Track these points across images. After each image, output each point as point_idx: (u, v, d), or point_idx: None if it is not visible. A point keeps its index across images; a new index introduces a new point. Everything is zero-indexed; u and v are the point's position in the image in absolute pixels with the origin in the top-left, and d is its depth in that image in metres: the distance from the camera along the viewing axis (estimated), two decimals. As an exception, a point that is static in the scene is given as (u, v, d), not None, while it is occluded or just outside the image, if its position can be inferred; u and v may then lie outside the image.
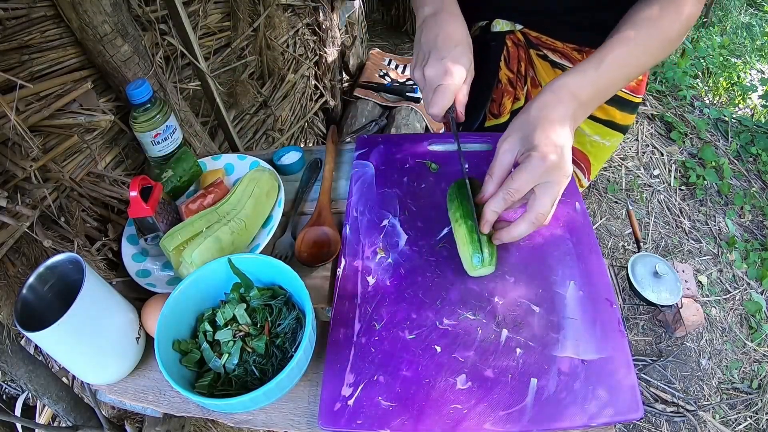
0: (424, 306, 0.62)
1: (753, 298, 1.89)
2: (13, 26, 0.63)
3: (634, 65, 0.64)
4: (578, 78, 0.61)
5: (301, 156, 0.87)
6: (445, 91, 0.62)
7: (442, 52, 0.63)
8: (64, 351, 0.55)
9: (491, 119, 0.92)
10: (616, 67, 0.62)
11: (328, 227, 0.73)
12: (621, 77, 0.64)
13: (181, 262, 0.64)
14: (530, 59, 0.86)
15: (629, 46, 0.62)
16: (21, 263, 0.64)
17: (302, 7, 1.63)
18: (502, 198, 0.58)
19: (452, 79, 0.62)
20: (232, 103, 1.29)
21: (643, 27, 0.63)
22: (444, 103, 0.63)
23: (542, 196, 0.56)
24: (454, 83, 0.63)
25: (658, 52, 0.65)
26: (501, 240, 0.61)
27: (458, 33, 0.66)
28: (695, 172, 2.29)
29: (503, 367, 0.56)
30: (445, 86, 0.62)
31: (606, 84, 0.62)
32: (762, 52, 3.21)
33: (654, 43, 0.64)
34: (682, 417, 1.59)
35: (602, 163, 0.98)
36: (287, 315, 0.60)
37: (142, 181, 0.70)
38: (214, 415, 0.59)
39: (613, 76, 0.62)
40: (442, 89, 0.62)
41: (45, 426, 0.75)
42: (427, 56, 0.64)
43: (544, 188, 0.56)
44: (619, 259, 1.99)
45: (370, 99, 2.14)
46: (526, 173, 0.56)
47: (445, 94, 0.62)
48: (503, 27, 0.84)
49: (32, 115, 0.65)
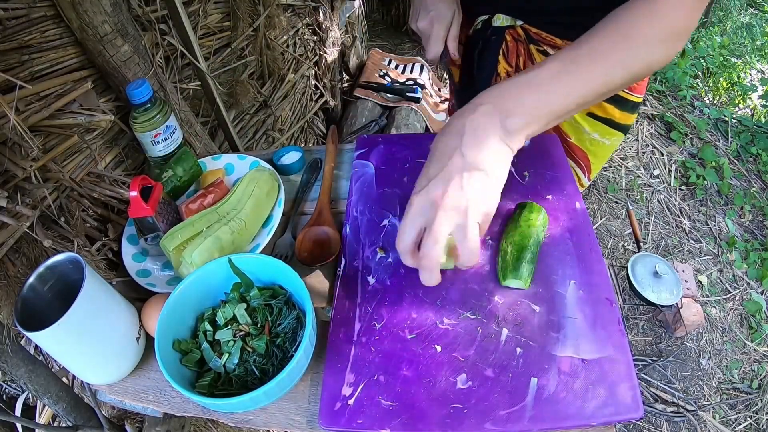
0: (425, 305, 0.62)
1: (753, 298, 1.89)
2: (13, 26, 0.63)
3: (593, 72, 0.55)
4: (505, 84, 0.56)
5: (301, 156, 0.87)
6: (435, 39, 0.76)
7: (428, 4, 0.77)
8: (64, 351, 0.55)
9: None
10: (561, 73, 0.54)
11: (328, 227, 0.73)
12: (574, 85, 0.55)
13: (181, 262, 0.64)
14: (530, 54, 0.87)
15: (586, 53, 0.55)
16: (21, 263, 0.64)
17: (302, 7, 1.63)
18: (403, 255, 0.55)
19: (438, 28, 0.75)
20: (232, 103, 1.29)
21: (609, 32, 0.56)
22: (435, 50, 0.77)
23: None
24: (441, 31, 0.76)
25: (628, 58, 0.56)
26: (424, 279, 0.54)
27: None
28: (695, 172, 2.29)
29: (503, 366, 0.56)
30: (434, 35, 0.76)
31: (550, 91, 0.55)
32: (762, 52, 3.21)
33: (622, 48, 0.55)
34: (682, 417, 1.59)
35: (603, 162, 0.98)
36: (287, 315, 0.60)
37: (142, 181, 0.70)
38: (214, 415, 0.59)
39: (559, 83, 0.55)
40: (432, 38, 0.76)
41: (45, 426, 0.75)
42: (418, 10, 0.78)
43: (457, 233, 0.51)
44: (619, 259, 1.99)
45: (370, 99, 2.14)
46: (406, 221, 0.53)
47: (435, 41, 0.76)
48: (504, 22, 0.85)
49: (32, 115, 0.65)
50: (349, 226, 0.73)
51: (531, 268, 0.63)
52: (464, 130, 0.52)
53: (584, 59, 0.55)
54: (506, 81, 0.56)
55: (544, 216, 0.68)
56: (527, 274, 0.62)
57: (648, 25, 0.54)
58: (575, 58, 0.55)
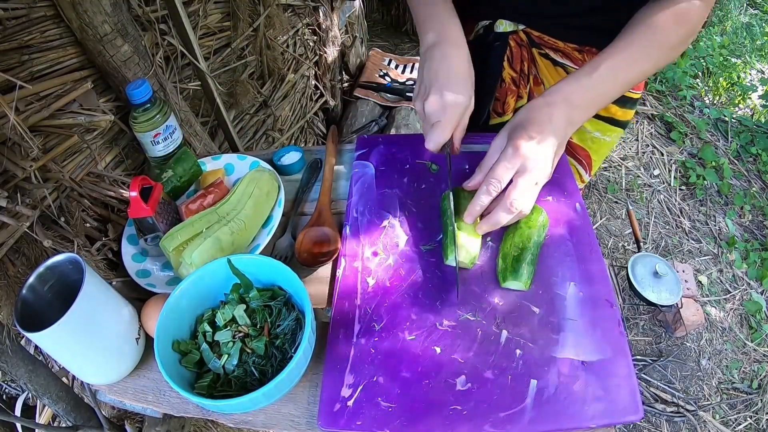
0: (424, 307, 0.62)
1: (753, 298, 1.89)
2: (13, 26, 0.63)
3: (632, 71, 0.65)
4: (571, 83, 0.64)
5: (301, 156, 0.87)
6: (443, 128, 0.65)
7: (443, 86, 0.65)
8: (64, 351, 0.55)
9: (495, 117, 0.93)
10: (611, 73, 0.64)
11: (328, 227, 0.73)
12: (618, 83, 0.65)
13: (181, 263, 0.64)
14: (533, 58, 0.87)
15: (626, 53, 0.64)
16: (21, 263, 0.64)
17: (302, 7, 1.63)
18: (485, 188, 0.61)
19: (450, 116, 0.65)
20: (232, 103, 1.29)
21: (644, 33, 0.64)
22: (440, 140, 0.66)
23: (516, 183, 0.60)
24: (452, 120, 0.65)
25: (658, 58, 0.66)
26: (482, 229, 0.64)
27: (460, 66, 0.67)
28: (695, 172, 2.29)
29: (503, 368, 0.56)
30: (443, 123, 0.65)
31: (602, 90, 0.65)
32: (762, 52, 3.20)
33: (654, 50, 0.65)
34: (682, 417, 1.59)
35: (603, 158, 0.99)
36: (287, 316, 0.60)
37: (142, 181, 0.70)
38: (214, 416, 0.59)
39: (608, 82, 0.64)
40: (441, 125, 0.65)
41: (45, 426, 0.75)
42: (429, 90, 0.66)
43: (519, 177, 0.60)
44: (619, 259, 1.99)
45: (370, 99, 2.14)
46: (502, 162, 0.60)
47: (443, 130, 0.65)
48: (506, 27, 0.85)
49: (32, 115, 0.65)
50: (349, 226, 0.73)
51: (531, 269, 0.63)
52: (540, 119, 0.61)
53: (627, 62, 0.64)
54: (569, 80, 0.64)
55: (544, 217, 0.68)
56: (527, 276, 0.62)
57: (676, 33, 0.64)
58: (619, 61, 0.64)
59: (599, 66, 0.63)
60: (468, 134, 0.85)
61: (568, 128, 0.64)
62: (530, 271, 0.63)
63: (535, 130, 0.60)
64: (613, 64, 0.64)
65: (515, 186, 0.60)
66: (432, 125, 0.66)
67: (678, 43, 0.66)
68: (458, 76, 0.66)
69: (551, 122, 0.62)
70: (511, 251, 0.64)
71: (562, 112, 0.62)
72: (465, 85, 0.66)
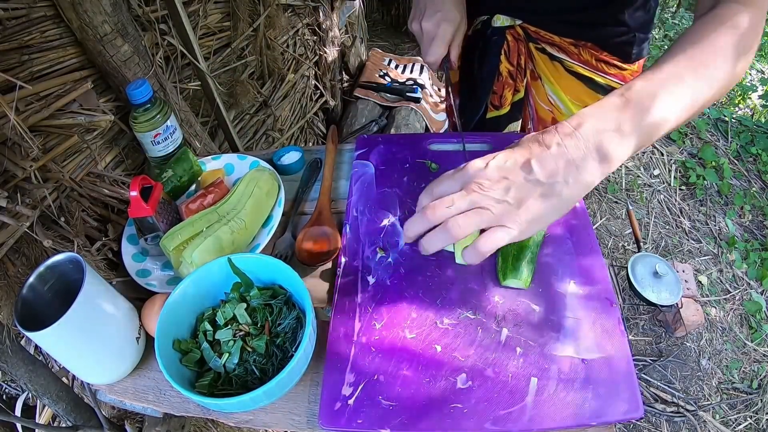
0: (424, 305, 0.62)
1: (753, 298, 1.89)
2: (13, 26, 0.63)
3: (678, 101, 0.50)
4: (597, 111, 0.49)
5: (301, 156, 0.87)
6: (440, 41, 0.70)
7: (437, 4, 0.71)
8: (64, 351, 0.55)
9: (492, 110, 0.94)
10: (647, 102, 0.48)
11: (328, 227, 0.73)
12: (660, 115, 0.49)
13: (181, 262, 0.64)
14: (530, 52, 0.88)
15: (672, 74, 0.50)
16: (21, 263, 0.64)
17: (302, 7, 1.63)
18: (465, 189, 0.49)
19: (444, 31, 0.70)
20: (232, 103, 1.29)
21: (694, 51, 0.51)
22: (439, 52, 0.71)
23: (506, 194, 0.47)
24: (446, 34, 0.70)
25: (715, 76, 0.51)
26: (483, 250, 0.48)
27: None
28: (695, 172, 2.29)
29: (503, 366, 0.56)
30: (439, 37, 0.70)
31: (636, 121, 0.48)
32: (762, 52, 3.21)
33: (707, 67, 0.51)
34: (682, 417, 1.59)
35: None
36: (287, 314, 0.60)
37: (142, 181, 0.70)
38: (215, 415, 0.59)
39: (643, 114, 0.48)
40: (437, 40, 0.71)
41: (45, 426, 0.75)
42: (423, 9, 0.72)
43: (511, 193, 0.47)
44: (619, 259, 1.99)
45: (370, 99, 2.14)
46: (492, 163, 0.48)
47: (440, 44, 0.71)
48: (503, 22, 0.86)
49: (32, 115, 0.65)
50: (349, 226, 0.73)
51: (531, 267, 0.63)
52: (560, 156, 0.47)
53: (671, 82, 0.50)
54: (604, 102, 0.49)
55: None
56: (527, 274, 0.62)
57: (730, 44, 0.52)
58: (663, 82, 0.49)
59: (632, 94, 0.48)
60: (468, 134, 0.86)
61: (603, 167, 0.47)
62: (530, 269, 0.63)
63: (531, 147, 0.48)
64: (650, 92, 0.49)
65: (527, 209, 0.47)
66: (430, 41, 0.71)
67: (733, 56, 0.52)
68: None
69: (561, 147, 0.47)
70: (510, 249, 0.64)
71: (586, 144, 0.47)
72: (455, 2, 0.72)
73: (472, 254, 0.49)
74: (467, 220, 0.47)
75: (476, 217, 0.47)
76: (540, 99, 0.93)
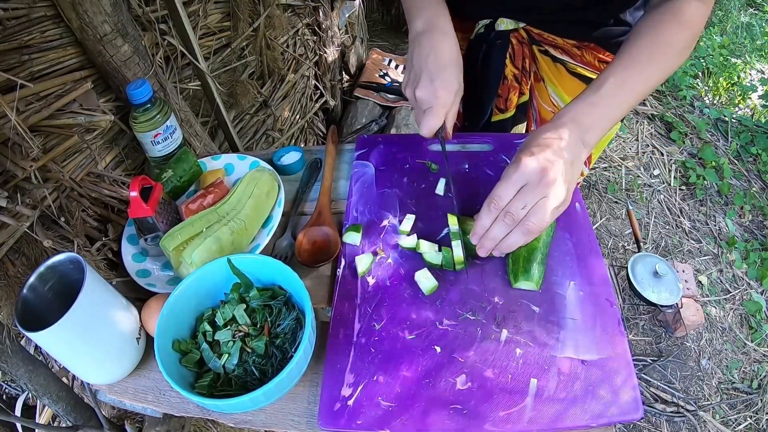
0: (424, 306, 0.62)
1: (753, 298, 1.89)
2: (13, 26, 0.63)
3: (639, 81, 0.63)
4: (578, 103, 0.62)
5: (301, 156, 0.87)
6: (435, 113, 0.65)
7: (433, 73, 0.65)
8: (65, 351, 0.55)
9: (498, 114, 0.94)
10: (618, 86, 0.62)
11: (328, 227, 0.73)
12: (627, 95, 0.63)
13: (181, 262, 0.64)
14: (533, 55, 0.88)
15: (631, 64, 0.62)
16: (21, 263, 0.64)
17: (302, 7, 1.63)
18: (486, 207, 0.59)
19: (442, 101, 0.65)
20: (232, 103, 1.29)
21: (647, 41, 0.63)
22: (434, 125, 0.66)
23: (520, 199, 0.57)
24: (443, 105, 0.65)
25: (665, 65, 0.65)
26: (486, 249, 0.61)
27: (449, 53, 0.67)
28: (695, 172, 2.29)
29: (503, 367, 0.56)
30: (435, 108, 0.65)
31: (612, 104, 0.62)
32: (762, 52, 3.20)
33: (660, 57, 0.64)
34: (682, 417, 1.59)
35: (600, 151, 1.00)
36: (287, 315, 0.60)
37: (142, 181, 0.70)
38: (214, 415, 0.59)
39: (616, 96, 0.62)
40: (433, 111, 0.65)
41: (45, 426, 0.75)
42: (419, 77, 0.66)
43: (523, 192, 0.57)
44: (619, 259, 1.99)
45: (370, 99, 2.14)
46: (503, 180, 0.58)
47: (435, 115, 0.65)
48: (507, 26, 0.86)
49: (32, 115, 0.65)
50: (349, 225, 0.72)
51: (542, 269, 0.63)
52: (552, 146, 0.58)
53: (631, 72, 0.63)
54: (576, 100, 0.63)
55: None
56: (538, 276, 0.62)
57: (679, 37, 0.64)
58: (624, 73, 0.62)
59: (605, 81, 0.62)
60: (467, 134, 0.86)
61: (581, 148, 0.60)
62: (541, 270, 0.63)
63: (540, 150, 0.58)
64: (619, 77, 0.62)
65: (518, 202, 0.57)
66: (424, 111, 0.66)
67: (683, 48, 0.65)
68: (447, 63, 0.66)
69: (559, 142, 0.58)
70: (521, 251, 0.64)
71: (571, 132, 0.60)
72: (454, 71, 0.67)
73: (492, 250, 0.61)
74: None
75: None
76: (543, 101, 0.93)
